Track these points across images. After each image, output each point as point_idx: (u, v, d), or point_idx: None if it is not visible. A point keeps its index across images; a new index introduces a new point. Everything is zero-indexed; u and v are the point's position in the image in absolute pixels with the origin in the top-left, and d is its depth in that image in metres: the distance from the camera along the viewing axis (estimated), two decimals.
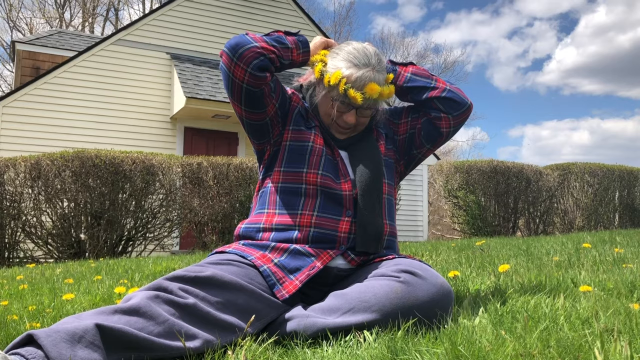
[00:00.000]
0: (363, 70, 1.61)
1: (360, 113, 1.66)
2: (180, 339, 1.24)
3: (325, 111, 1.69)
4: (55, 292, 2.80)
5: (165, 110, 9.97)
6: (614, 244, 3.94)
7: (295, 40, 1.66)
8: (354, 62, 1.62)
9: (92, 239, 6.51)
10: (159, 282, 1.35)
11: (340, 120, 1.67)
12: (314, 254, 1.54)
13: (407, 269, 1.46)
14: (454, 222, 9.99)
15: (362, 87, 1.60)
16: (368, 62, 1.63)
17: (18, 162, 6.48)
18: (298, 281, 1.50)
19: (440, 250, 4.15)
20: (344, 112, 1.66)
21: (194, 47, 10.31)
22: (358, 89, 1.60)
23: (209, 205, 7.29)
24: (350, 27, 29.70)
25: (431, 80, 1.77)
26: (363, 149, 1.70)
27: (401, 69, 1.77)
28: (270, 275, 1.50)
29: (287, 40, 1.63)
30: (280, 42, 1.61)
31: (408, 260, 1.54)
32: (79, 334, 1.12)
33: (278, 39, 1.62)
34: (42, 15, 23.66)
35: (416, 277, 1.43)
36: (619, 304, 1.59)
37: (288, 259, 1.54)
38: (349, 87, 1.59)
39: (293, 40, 1.65)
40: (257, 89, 1.57)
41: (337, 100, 1.63)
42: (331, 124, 1.70)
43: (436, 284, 1.44)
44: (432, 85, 1.75)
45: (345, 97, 1.61)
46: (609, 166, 10.16)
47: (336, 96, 1.63)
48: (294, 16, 11.22)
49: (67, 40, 12.30)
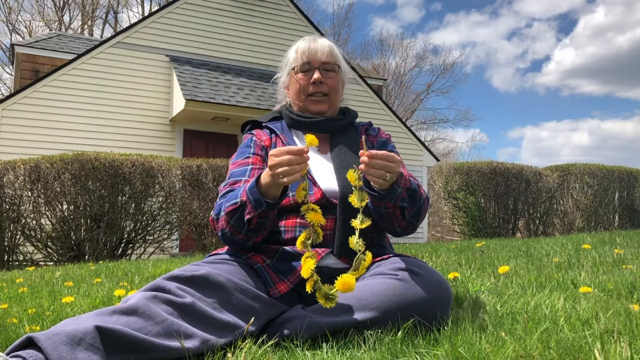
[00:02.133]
0: (306, 39, 1.81)
1: (324, 73, 1.75)
2: (179, 339, 1.24)
3: (295, 90, 1.79)
4: (55, 295, 2.80)
5: (165, 113, 9.98)
6: (614, 245, 3.93)
7: (251, 207, 1.46)
8: (297, 42, 1.83)
9: (92, 242, 6.51)
10: (157, 282, 1.36)
11: (310, 87, 1.75)
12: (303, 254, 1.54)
13: (405, 267, 1.47)
14: (453, 223, 9.98)
15: (309, 45, 1.77)
16: (309, 37, 1.83)
17: (17, 165, 6.47)
18: (290, 282, 1.51)
19: (440, 252, 4.15)
20: (310, 75, 1.75)
21: (193, 50, 10.32)
22: (307, 49, 1.77)
23: (209, 208, 7.28)
24: (349, 29, 29.89)
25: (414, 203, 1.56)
26: (345, 151, 1.72)
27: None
28: (264, 274, 1.52)
29: (246, 218, 1.47)
30: (241, 223, 1.49)
31: (405, 259, 1.54)
32: (79, 336, 1.12)
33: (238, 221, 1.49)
34: (42, 18, 23.68)
35: (414, 275, 1.44)
36: (619, 305, 1.59)
37: (279, 260, 1.54)
38: (300, 50, 1.78)
39: (250, 209, 1.46)
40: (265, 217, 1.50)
41: (298, 70, 1.77)
42: (306, 100, 1.77)
43: (434, 281, 1.45)
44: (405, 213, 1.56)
45: (302, 57, 1.76)
46: (609, 167, 10.16)
47: (296, 66, 1.77)
48: (293, 18, 11.23)
49: (66, 43, 12.31)
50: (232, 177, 1.65)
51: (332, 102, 1.79)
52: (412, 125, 28.46)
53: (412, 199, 1.54)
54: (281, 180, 1.39)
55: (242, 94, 9.78)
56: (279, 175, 1.38)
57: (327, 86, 1.76)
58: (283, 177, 1.38)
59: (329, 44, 1.80)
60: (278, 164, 1.38)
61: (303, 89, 1.76)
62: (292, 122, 1.80)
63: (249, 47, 10.79)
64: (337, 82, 1.80)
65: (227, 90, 9.71)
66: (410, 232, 1.65)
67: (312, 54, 1.76)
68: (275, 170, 1.39)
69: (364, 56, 30.47)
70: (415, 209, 1.55)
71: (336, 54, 1.80)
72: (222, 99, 9.36)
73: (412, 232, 1.66)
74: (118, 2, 24.86)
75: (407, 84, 29.89)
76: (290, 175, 1.38)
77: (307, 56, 1.76)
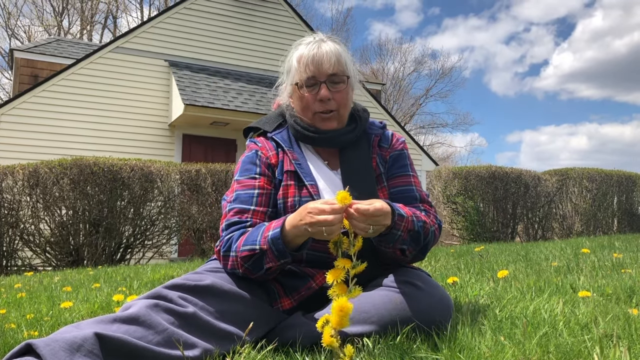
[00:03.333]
0: (310, 42, 1.63)
1: (331, 87, 1.59)
2: (180, 347, 1.24)
3: (302, 106, 1.63)
4: (54, 300, 2.79)
5: (164, 118, 9.98)
6: (613, 249, 3.94)
7: (273, 255, 1.40)
8: (300, 45, 1.65)
9: (91, 247, 6.49)
10: (158, 291, 1.34)
11: (316, 104, 1.60)
12: (309, 274, 1.52)
13: (407, 280, 1.44)
14: (452, 227, 9.98)
15: (314, 54, 1.59)
16: (313, 38, 1.65)
17: (16, 170, 6.47)
18: (294, 300, 1.51)
19: (439, 256, 4.15)
20: (315, 91, 1.59)
21: (192, 55, 10.33)
22: (312, 60, 1.59)
23: (208, 212, 7.28)
24: (348, 33, 29.85)
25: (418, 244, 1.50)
26: (355, 170, 1.61)
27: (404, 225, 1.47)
28: (269, 286, 1.51)
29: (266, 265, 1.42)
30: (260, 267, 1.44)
31: (408, 270, 1.52)
32: (78, 343, 1.12)
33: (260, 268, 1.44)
34: (41, 23, 23.71)
35: (416, 289, 1.42)
36: (618, 309, 1.59)
37: (285, 277, 1.53)
38: (304, 61, 1.60)
39: (272, 258, 1.41)
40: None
41: (303, 85, 1.60)
42: (314, 117, 1.62)
43: (436, 296, 1.43)
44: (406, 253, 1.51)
45: (306, 70, 1.59)
46: (607, 171, 10.17)
47: (300, 81, 1.61)
48: (292, 23, 11.26)
49: (65, 48, 12.32)
50: (238, 201, 1.55)
51: (342, 117, 1.63)
52: (410, 129, 28.49)
53: (415, 240, 1.47)
54: (322, 235, 1.31)
55: (241, 99, 9.79)
56: (323, 232, 1.30)
57: (336, 102, 1.60)
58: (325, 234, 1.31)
59: (335, 49, 1.61)
60: (319, 223, 1.29)
61: (309, 107, 1.61)
62: (298, 135, 1.66)
63: (247, 52, 10.81)
64: (347, 95, 1.62)
65: (226, 95, 9.72)
66: (416, 262, 1.62)
67: (317, 65, 1.58)
68: (314, 229, 1.31)
69: (363, 61, 30.55)
70: (419, 247, 1.50)
71: (344, 62, 1.61)
72: (221, 103, 9.37)
73: (419, 261, 1.62)
74: (117, 7, 24.91)
75: (405, 88, 29.97)
76: (332, 234, 1.31)
77: (311, 70, 1.58)
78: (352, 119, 1.69)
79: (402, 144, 1.74)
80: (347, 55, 1.64)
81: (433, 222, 1.54)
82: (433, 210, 1.63)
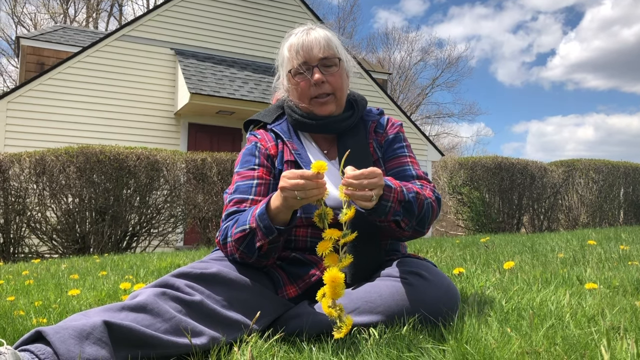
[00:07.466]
0: (299, 32, 1.65)
1: (324, 70, 1.61)
2: (187, 335, 1.24)
3: (298, 94, 1.64)
4: (61, 287, 2.82)
5: (170, 106, 9.98)
6: (619, 241, 3.92)
7: (262, 234, 1.40)
8: (290, 35, 1.66)
9: (97, 235, 6.53)
10: (166, 279, 1.35)
11: (312, 89, 1.61)
12: (313, 261, 1.52)
13: (414, 270, 1.44)
14: (458, 218, 9.97)
15: (304, 40, 1.62)
16: (302, 27, 1.67)
17: (23, 158, 6.50)
18: (298, 287, 1.51)
19: (445, 247, 4.15)
20: (309, 76, 1.60)
21: (198, 43, 10.31)
22: (302, 46, 1.61)
23: (213, 201, 7.30)
24: (354, 22, 29.73)
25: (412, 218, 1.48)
26: (353, 157, 1.57)
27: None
28: (275, 274, 1.52)
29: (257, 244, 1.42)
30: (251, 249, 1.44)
31: (414, 261, 1.52)
32: (87, 330, 1.13)
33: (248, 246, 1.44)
34: (47, 10, 23.70)
35: (422, 279, 1.42)
36: (625, 301, 1.59)
37: (289, 265, 1.54)
38: (294, 49, 1.62)
39: (261, 236, 1.40)
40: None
41: (296, 72, 1.62)
42: (311, 103, 1.63)
43: (443, 287, 1.42)
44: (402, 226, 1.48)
45: (297, 57, 1.61)
46: (614, 162, 10.12)
47: (293, 68, 1.62)
48: (298, 11, 11.20)
49: (71, 36, 12.31)
50: (238, 192, 1.57)
51: (339, 100, 1.64)
52: (416, 119, 28.41)
53: (408, 211, 1.45)
54: (295, 200, 1.31)
55: (247, 88, 9.77)
56: (295, 197, 1.30)
57: (331, 85, 1.61)
58: (298, 198, 1.31)
59: (324, 34, 1.63)
60: (291, 187, 1.30)
61: (305, 93, 1.62)
62: (296, 124, 1.67)
63: (253, 40, 10.77)
64: (341, 77, 1.64)
65: (231, 84, 9.70)
66: (417, 238, 1.59)
67: (307, 51, 1.60)
68: (286, 193, 1.31)
69: (369, 50, 30.43)
70: (416, 219, 1.48)
71: (334, 45, 1.63)
72: (227, 92, 9.36)
73: (420, 237, 1.60)
74: None
75: (412, 78, 29.84)
76: (306, 199, 1.31)
77: (302, 55, 1.60)
78: (350, 106, 1.71)
79: (397, 127, 1.75)
80: (337, 40, 1.66)
81: (429, 195, 1.53)
82: (431, 185, 1.61)
